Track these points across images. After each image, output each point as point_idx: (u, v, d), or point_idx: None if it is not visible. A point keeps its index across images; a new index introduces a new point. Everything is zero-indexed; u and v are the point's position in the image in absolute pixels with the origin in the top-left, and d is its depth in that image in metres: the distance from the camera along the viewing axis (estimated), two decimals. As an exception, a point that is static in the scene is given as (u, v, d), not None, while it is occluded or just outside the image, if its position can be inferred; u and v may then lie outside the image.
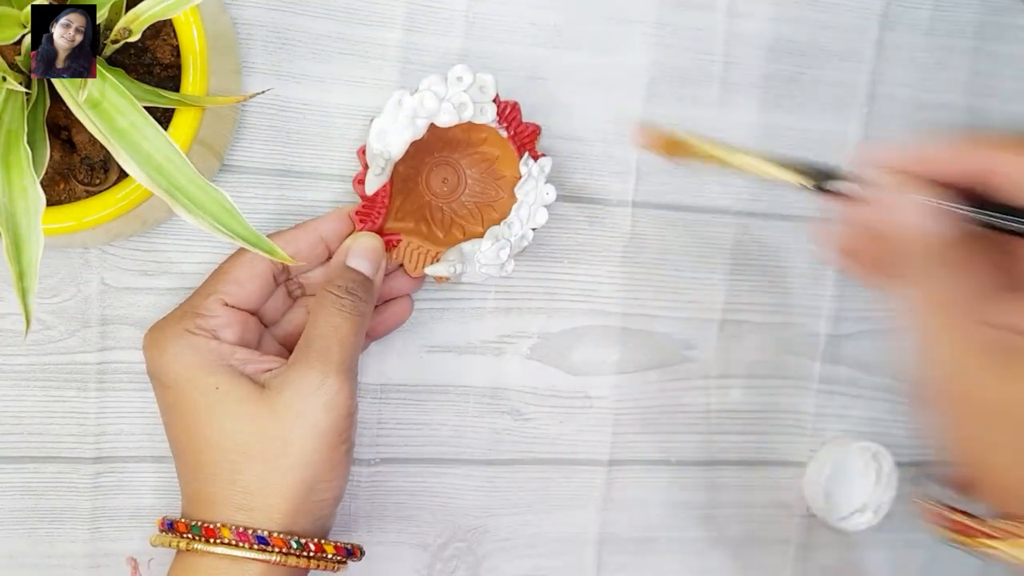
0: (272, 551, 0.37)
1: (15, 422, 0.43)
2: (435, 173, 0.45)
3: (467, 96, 0.41)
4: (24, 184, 0.30)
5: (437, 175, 0.45)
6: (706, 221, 0.50)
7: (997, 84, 0.53)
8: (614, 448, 0.50)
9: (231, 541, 0.37)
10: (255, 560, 0.37)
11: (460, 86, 0.41)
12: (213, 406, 0.38)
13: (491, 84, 0.42)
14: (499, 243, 0.43)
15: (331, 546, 0.39)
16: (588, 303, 0.49)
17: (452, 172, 0.45)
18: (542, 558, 0.50)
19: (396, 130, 0.41)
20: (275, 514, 0.37)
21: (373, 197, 0.42)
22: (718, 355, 0.51)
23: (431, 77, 0.41)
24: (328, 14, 0.44)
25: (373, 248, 0.42)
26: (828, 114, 0.51)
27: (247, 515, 0.37)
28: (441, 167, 0.45)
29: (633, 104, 0.48)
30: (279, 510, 0.37)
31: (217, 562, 0.37)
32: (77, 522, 0.44)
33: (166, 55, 0.37)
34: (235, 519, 0.37)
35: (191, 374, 0.38)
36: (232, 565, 0.37)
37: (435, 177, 0.45)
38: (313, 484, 0.38)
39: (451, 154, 0.44)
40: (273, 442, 0.37)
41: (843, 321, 0.52)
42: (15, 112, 0.31)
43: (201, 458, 0.38)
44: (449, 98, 0.41)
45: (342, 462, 0.39)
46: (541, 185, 0.44)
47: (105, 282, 0.43)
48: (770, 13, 0.49)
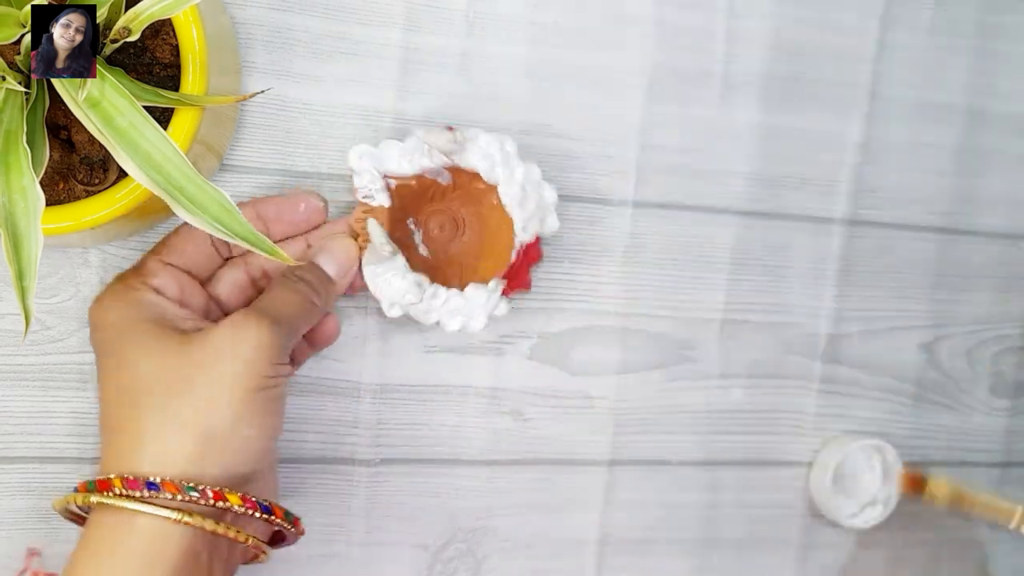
0: (159, 500, 0.33)
1: (15, 422, 0.43)
2: (432, 222, 0.45)
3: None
4: (23, 184, 0.30)
5: (434, 223, 0.45)
6: (706, 221, 0.50)
7: (998, 84, 0.53)
8: (614, 448, 0.50)
9: (120, 492, 0.33)
10: (147, 514, 0.33)
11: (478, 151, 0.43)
12: (132, 350, 0.36)
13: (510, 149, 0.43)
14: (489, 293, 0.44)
15: (236, 496, 0.35)
16: (588, 303, 0.49)
17: (449, 219, 0.45)
18: (542, 559, 0.50)
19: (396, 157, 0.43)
20: (173, 459, 0.34)
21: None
22: (718, 355, 0.51)
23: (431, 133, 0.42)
24: (328, 14, 0.44)
25: (347, 255, 0.42)
26: (829, 114, 0.51)
27: (142, 462, 0.34)
28: (437, 216, 0.45)
29: (633, 104, 0.48)
30: (178, 455, 0.34)
31: (114, 518, 0.34)
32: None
33: (165, 55, 0.36)
34: (129, 467, 0.34)
35: (121, 321, 0.37)
36: (125, 521, 0.34)
37: (432, 223, 0.45)
38: (218, 431, 0.34)
39: (441, 203, 0.45)
40: (176, 383, 0.35)
41: (843, 321, 0.52)
42: (14, 112, 0.31)
43: (111, 407, 0.36)
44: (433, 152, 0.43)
45: (261, 413, 0.35)
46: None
47: (105, 282, 0.43)
48: (771, 12, 0.49)
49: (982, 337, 0.55)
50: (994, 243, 0.54)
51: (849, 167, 0.51)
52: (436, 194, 0.44)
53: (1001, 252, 0.54)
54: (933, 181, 0.53)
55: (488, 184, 0.44)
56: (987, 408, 0.56)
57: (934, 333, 0.54)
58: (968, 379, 0.55)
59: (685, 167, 0.49)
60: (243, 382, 0.35)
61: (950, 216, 0.53)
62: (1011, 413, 0.56)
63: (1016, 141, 0.54)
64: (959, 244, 0.54)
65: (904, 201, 0.52)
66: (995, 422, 0.56)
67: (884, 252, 0.52)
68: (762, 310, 0.51)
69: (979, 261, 0.54)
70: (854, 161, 0.51)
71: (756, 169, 0.50)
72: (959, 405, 0.55)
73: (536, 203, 0.44)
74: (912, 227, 0.53)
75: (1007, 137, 0.53)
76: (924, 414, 0.54)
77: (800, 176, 0.51)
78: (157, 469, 0.34)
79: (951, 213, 0.53)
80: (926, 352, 0.54)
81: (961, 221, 0.53)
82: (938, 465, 0.55)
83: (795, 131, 0.50)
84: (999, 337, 0.55)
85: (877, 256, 0.52)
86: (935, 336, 0.54)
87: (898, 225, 0.52)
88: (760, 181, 0.50)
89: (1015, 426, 0.56)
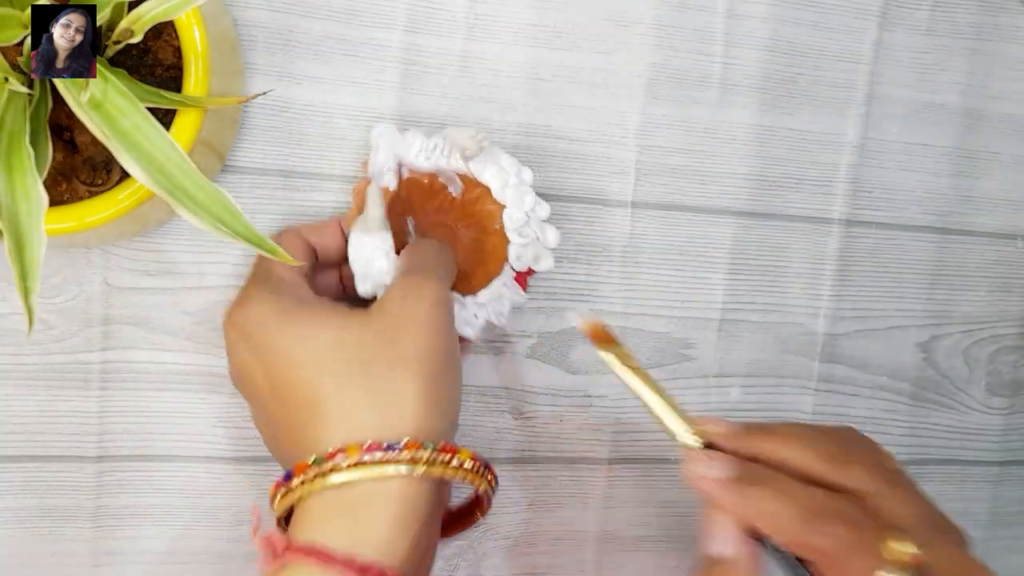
0: (402, 460, 0.32)
1: (18, 421, 0.43)
2: (430, 231, 0.44)
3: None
4: (26, 184, 0.30)
5: (432, 233, 0.44)
6: (705, 221, 0.50)
7: (995, 85, 0.53)
8: (614, 447, 0.50)
9: (359, 460, 0.32)
10: (389, 476, 0.32)
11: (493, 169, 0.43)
12: (305, 327, 0.35)
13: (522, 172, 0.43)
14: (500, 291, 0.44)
15: (467, 453, 0.34)
16: (588, 303, 0.49)
17: (448, 232, 0.44)
18: (542, 556, 0.50)
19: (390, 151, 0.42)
20: (406, 417, 0.33)
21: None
22: (717, 354, 0.51)
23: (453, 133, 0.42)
24: (330, 15, 0.44)
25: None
26: (827, 115, 0.51)
27: (370, 427, 0.33)
28: (437, 228, 0.44)
29: (632, 105, 0.48)
30: (410, 412, 0.33)
31: (348, 494, 0.32)
32: (80, 521, 0.44)
33: (168, 56, 0.37)
34: (359, 435, 0.33)
35: (274, 310, 0.36)
36: (365, 492, 0.32)
37: (430, 229, 0.44)
38: (431, 387, 0.34)
39: (445, 215, 0.44)
40: (381, 340, 0.34)
41: (841, 320, 0.52)
42: (17, 113, 0.31)
43: (296, 390, 0.34)
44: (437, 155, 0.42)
45: (456, 364, 0.36)
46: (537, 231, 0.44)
47: (107, 282, 0.43)
48: (769, 14, 0.49)
49: (979, 336, 0.55)
50: (991, 243, 0.54)
51: (847, 168, 0.51)
52: (444, 203, 0.44)
53: (998, 252, 0.55)
54: (930, 181, 0.53)
55: (496, 204, 0.43)
56: (984, 407, 0.56)
57: (931, 332, 0.54)
58: (965, 378, 0.55)
59: (684, 168, 0.49)
60: (434, 340, 0.35)
61: (947, 216, 0.53)
62: (1008, 412, 0.56)
63: (1013, 142, 0.54)
64: (956, 244, 0.54)
65: (901, 201, 0.53)
66: (992, 421, 0.56)
67: (881, 252, 0.53)
68: (760, 310, 0.51)
69: (976, 261, 0.54)
70: (852, 162, 0.51)
71: (754, 170, 0.50)
72: (956, 404, 0.55)
73: (536, 236, 0.44)
74: (909, 227, 0.53)
75: (1004, 138, 0.54)
76: (921, 413, 0.55)
77: (798, 177, 0.51)
78: (385, 433, 0.33)
79: (948, 213, 0.53)
80: (923, 351, 0.54)
81: (958, 221, 0.54)
82: (936, 464, 0.55)
83: (793, 132, 0.50)
84: (995, 336, 0.55)
85: (874, 256, 0.53)
86: (932, 335, 0.54)
87: (895, 225, 0.53)
88: (758, 182, 0.50)
89: (1012, 425, 0.56)
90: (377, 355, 0.34)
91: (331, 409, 0.33)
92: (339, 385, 0.34)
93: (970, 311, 0.55)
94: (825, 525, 0.34)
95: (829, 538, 0.33)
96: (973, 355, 0.55)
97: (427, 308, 0.35)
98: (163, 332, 0.44)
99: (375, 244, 0.39)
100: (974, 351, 0.55)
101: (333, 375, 0.34)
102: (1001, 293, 0.55)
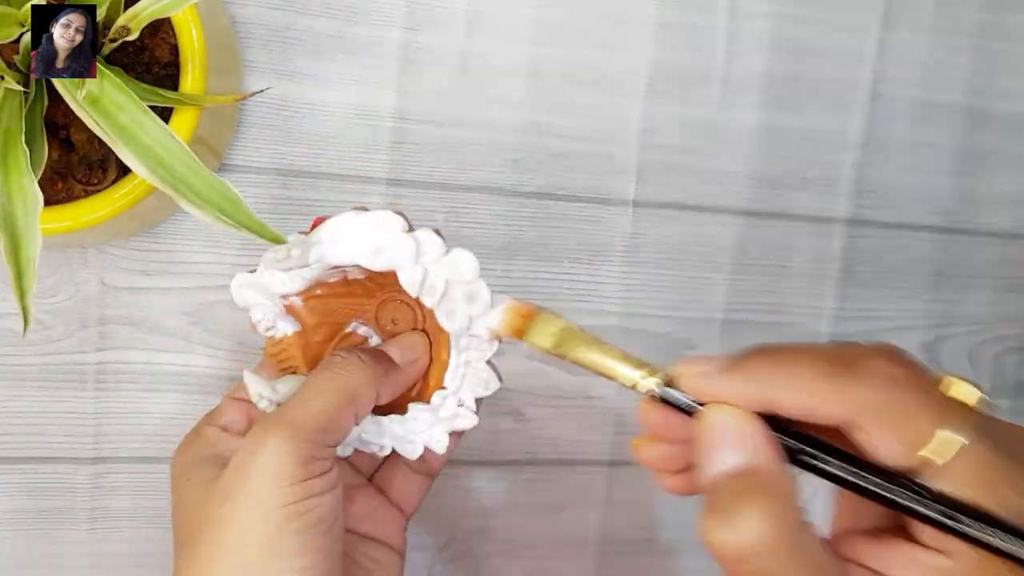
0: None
1: (14, 422, 0.43)
2: (383, 315, 0.37)
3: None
4: (22, 183, 0.30)
5: (385, 315, 0.37)
6: (706, 221, 0.50)
7: (998, 83, 0.53)
8: (615, 448, 0.50)
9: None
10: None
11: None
12: (186, 490, 0.34)
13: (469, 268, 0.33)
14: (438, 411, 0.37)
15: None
16: (588, 303, 0.49)
17: (401, 304, 0.36)
18: (543, 559, 0.50)
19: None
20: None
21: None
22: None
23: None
24: (328, 13, 0.44)
25: (412, 341, 0.36)
26: (829, 113, 0.50)
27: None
28: (387, 305, 0.37)
29: (634, 104, 0.48)
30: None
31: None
32: (76, 522, 0.44)
33: (164, 54, 0.36)
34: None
35: (182, 465, 0.35)
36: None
37: (384, 318, 0.37)
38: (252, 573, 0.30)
39: (390, 291, 0.36)
40: (207, 524, 0.31)
41: (844, 321, 0.52)
42: (13, 111, 0.31)
43: (174, 549, 0.34)
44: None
45: (296, 550, 0.30)
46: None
47: (104, 282, 0.43)
48: (771, 12, 0.49)
49: (983, 337, 0.55)
50: (995, 243, 0.54)
51: (850, 167, 0.51)
52: (372, 286, 0.36)
53: (1002, 252, 0.54)
54: (934, 181, 0.53)
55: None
56: (988, 408, 0.55)
57: (935, 333, 0.54)
58: (969, 379, 0.55)
59: (686, 167, 0.49)
60: (272, 516, 0.30)
61: (951, 216, 0.53)
62: (1013, 413, 0.56)
63: (1017, 141, 0.54)
64: (960, 244, 0.53)
65: (905, 201, 0.52)
66: (996, 422, 0.56)
67: (885, 252, 0.52)
68: (763, 310, 0.51)
69: (980, 261, 0.54)
70: (855, 161, 0.51)
71: (757, 169, 0.50)
72: (960, 405, 0.55)
73: (446, 279, 0.34)
74: (913, 227, 0.53)
75: (1008, 137, 0.53)
76: (925, 414, 0.54)
77: (801, 176, 0.51)
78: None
79: (952, 213, 0.53)
80: (927, 352, 0.54)
81: (962, 221, 0.53)
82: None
83: (796, 131, 0.50)
84: (1000, 337, 0.55)
85: (878, 256, 0.52)
86: (936, 336, 0.54)
87: (899, 225, 0.52)
88: (761, 181, 0.50)
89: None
90: (199, 533, 0.32)
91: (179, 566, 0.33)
92: (184, 558, 0.32)
93: (975, 311, 0.54)
94: (868, 365, 0.27)
95: (873, 381, 0.26)
96: (978, 356, 0.55)
97: (254, 477, 0.30)
98: (159, 333, 0.44)
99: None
100: (979, 352, 0.55)
101: (180, 548, 0.33)
102: (1006, 293, 0.55)
